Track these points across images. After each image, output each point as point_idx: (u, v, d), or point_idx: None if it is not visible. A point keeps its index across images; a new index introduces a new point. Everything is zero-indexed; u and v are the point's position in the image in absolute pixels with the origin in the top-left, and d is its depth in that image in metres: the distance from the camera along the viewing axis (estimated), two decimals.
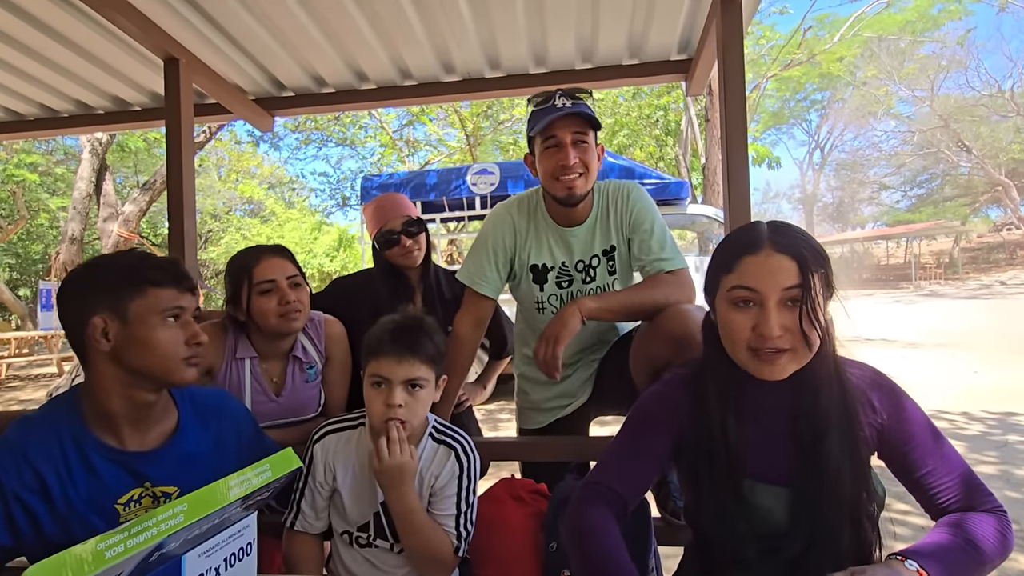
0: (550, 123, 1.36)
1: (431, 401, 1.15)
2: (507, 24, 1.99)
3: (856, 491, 0.87)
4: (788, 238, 0.84)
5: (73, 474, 0.93)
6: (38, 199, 14.11)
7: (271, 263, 1.44)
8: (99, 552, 0.54)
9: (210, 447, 1.08)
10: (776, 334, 0.82)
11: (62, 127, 2.67)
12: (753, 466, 0.90)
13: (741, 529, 0.84)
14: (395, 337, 1.10)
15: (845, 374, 0.88)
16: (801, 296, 0.82)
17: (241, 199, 18.28)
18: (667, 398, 0.99)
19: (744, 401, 0.92)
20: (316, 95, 2.46)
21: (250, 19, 1.90)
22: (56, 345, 10.13)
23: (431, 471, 1.15)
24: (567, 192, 1.39)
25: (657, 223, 1.47)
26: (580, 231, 1.50)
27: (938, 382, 5.73)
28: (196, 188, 2.21)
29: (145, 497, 0.99)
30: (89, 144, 6.95)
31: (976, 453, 3.56)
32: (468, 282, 1.54)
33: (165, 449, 1.01)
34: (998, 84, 21.81)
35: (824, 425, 0.86)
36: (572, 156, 1.35)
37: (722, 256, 0.90)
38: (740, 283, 0.85)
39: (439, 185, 6.31)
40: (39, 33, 1.96)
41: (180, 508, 0.63)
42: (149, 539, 0.58)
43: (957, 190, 27.65)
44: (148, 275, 0.95)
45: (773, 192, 49.16)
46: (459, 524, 1.13)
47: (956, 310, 13.21)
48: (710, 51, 1.97)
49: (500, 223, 1.53)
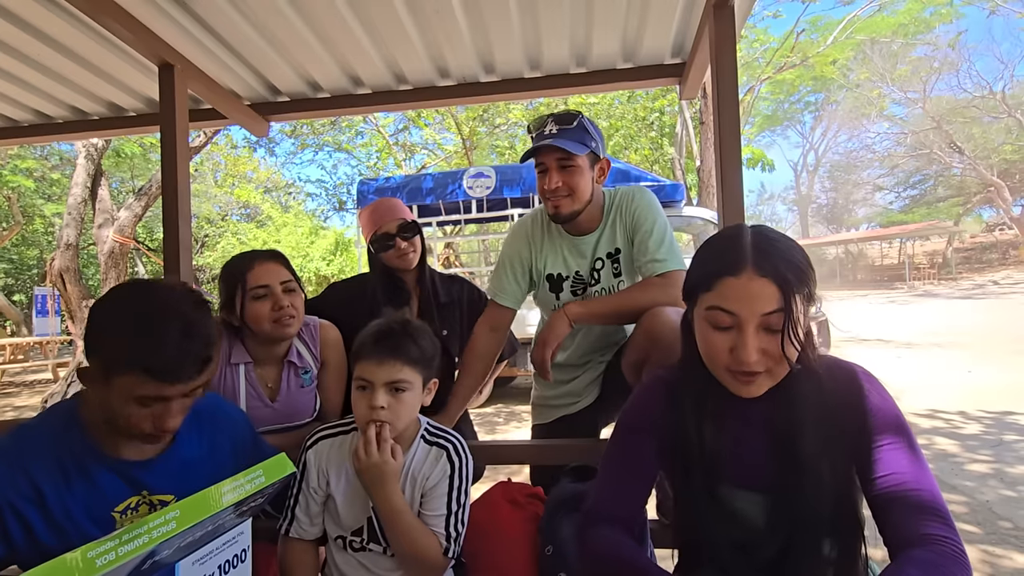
0: (535, 150, 1.50)
1: (417, 404, 1.14)
2: (502, 29, 1.99)
3: (836, 497, 0.84)
4: (771, 260, 0.81)
5: (71, 482, 0.92)
6: (33, 205, 14.02)
7: (265, 268, 1.44)
8: (90, 560, 0.54)
9: (205, 452, 1.08)
10: (753, 359, 0.81)
11: (57, 133, 2.66)
12: (730, 470, 0.90)
13: (717, 532, 0.84)
14: (377, 340, 1.11)
15: (824, 379, 0.87)
16: (783, 321, 0.80)
17: (237, 204, 18.22)
18: (643, 407, 0.99)
19: (721, 406, 0.91)
20: (311, 100, 2.46)
21: (245, 24, 1.90)
22: (51, 351, 10.07)
23: (423, 472, 1.15)
24: (554, 211, 1.52)
25: (658, 224, 1.52)
26: (590, 239, 1.59)
27: (933, 382, 5.76)
28: (192, 193, 2.20)
29: (142, 505, 0.99)
30: (84, 150, 6.92)
31: (971, 452, 3.58)
32: (491, 295, 1.69)
33: (162, 457, 1.01)
34: (989, 86, 21.99)
35: (800, 430, 0.85)
36: (554, 181, 1.47)
37: (702, 271, 0.88)
38: (719, 304, 0.83)
39: (435, 189, 6.32)
40: (33, 39, 1.95)
41: (172, 515, 0.63)
42: (140, 547, 0.58)
43: (950, 191, 27.82)
44: (149, 364, 0.87)
45: (768, 194, 49.45)
46: (449, 524, 1.13)
47: (950, 310, 13.28)
48: (703, 55, 1.98)
49: (516, 238, 1.66)
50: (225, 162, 16.61)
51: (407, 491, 1.14)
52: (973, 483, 3.05)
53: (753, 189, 49.34)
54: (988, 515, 2.63)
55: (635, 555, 0.87)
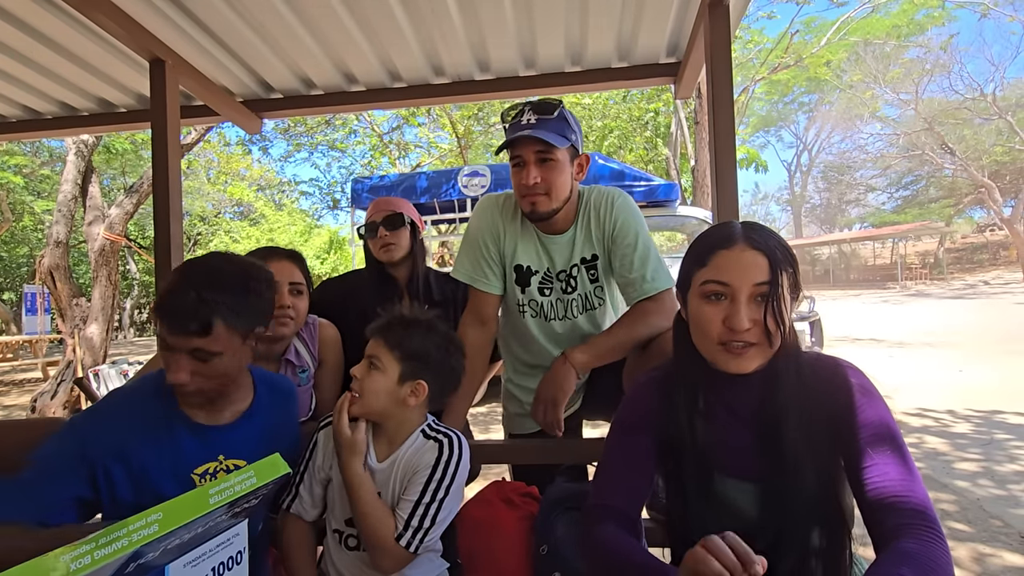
0: (512, 142, 1.35)
1: (385, 390, 1.11)
2: (496, 27, 1.99)
3: (821, 485, 0.86)
4: (761, 236, 0.87)
5: (157, 442, 1.01)
6: (23, 201, 13.87)
7: (279, 265, 1.45)
8: (65, 564, 0.53)
9: (271, 427, 1.17)
10: (745, 326, 0.84)
11: (46, 129, 2.63)
12: (723, 461, 0.92)
13: (710, 523, 0.84)
14: (382, 318, 1.17)
15: (807, 369, 0.89)
16: (768, 292, 0.84)
17: (230, 202, 18.10)
18: (638, 402, 1.01)
19: (712, 398, 0.94)
20: (304, 97, 2.44)
21: (237, 20, 1.89)
22: (41, 350, 9.97)
23: (411, 461, 1.13)
24: (530, 209, 1.38)
25: (641, 236, 1.41)
26: (562, 240, 1.47)
27: (924, 380, 5.80)
28: (185, 190, 2.19)
29: (220, 471, 1.07)
30: (75, 146, 6.85)
31: (961, 451, 3.61)
32: (468, 280, 1.51)
33: (236, 425, 1.10)
34: (980, 88, 22.13)
35: (783, 418, 0.87)
36: (532, 176, 1.34)
37: (696, 251, 0.93)
38: (713, 277, 0.87)
39: (430, 188, 6.30)
40: (22, 34, 1.92)
41: (155, 517, 0.61)
42: (119, 550, 0.56)
43: (941, 192, 28.07)
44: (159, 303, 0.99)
45: (762, 194, 49.72)
46: (415, 514, 1.07)
47: (941, 310, 13.40)
48: (698, 54, 1.98)
49: (486, 216, 1.51)
50: (218, 160, 16.50)
51: (395, 480, 1.13)
52: (964, 482, 3.07)
53: (747, 189, 49.62)
54: (979, 513, 2.65)
55: (636, 551, 0.88)
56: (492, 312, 1.53)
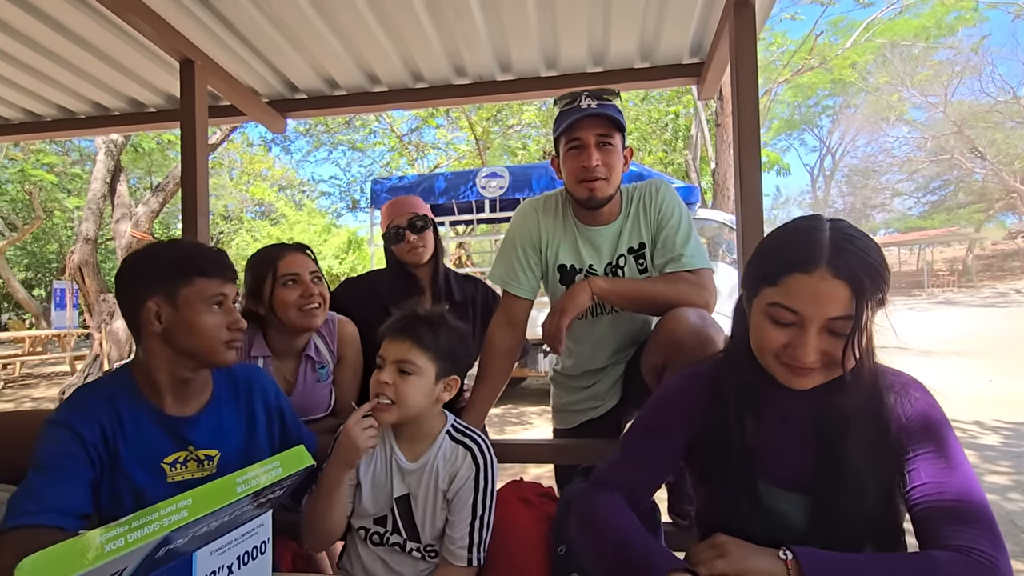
0: (573, 124, 1.34)
1: (426, 393, 1.13)
2: (519, 27, 1.99)
3: (879, 502, 0.81)
4: (848, 260, 0.74)
5: (125, 431, 1.02)
6: (54, 199, 14.29)
7: (295, 258, 1.50)
8: (99, 545, 0.54)
9: (241, 416, 1.16)
10: (811, 359, 0.76)
11: (79, 128, 2.70)
12: (769, 468, 0.86)
13: (755, 533, 0.81)
14: (398, 320, 1.16)
15: (879, 380, 0.83)
16: (851, 328, 0.74)
17: (252, 201, 18.42)
18: (685, 391, 0.96)
19: (764, 399, 0.87)
20: (328, 97, 2.48)
21: (264, 22, 1.92)
22: (69, 344, 10.26)
23: (447, 470, 1.15)
24: (589, 194, 1.36)
25: (684, 220, 1.42)
26: (607, 231, 1.46)
27: (952, 390, 5.63)
28: (209, 189, 2.23)
29: (190, 461, 1.08)
30: (104, 145, 7.04)
31: (990, 463, 3.50)
32: (501, 283, 1.53)
33: (203, 414, 1.11)
34: (1013, 90, 21.53)
35: (846, 428, 0.81)
36: (595, 158, 1.33)
37: (768, 263, 0.81)
38: (782, 302, 0.77)
39: (449, 189, 6.33)
40: (56, 34, 1.98)
41: (184, 503, 0.62)
42: (151, 533, 0.57)
43: (971, 197, 27.30)
44: (198, 265, 1.05)
45: (783, 198, 48.88)
46: (473, 528, 1.12)
47: (970, 318, 13.02)
48: (722, 55, 1.96)
49: (526, 221, 1.51)
50: (241, 160, 16.81)
51: (428, 483, 1.14)
52: (994, 495, 2.98)
53: (768, 193, 48.87)
54: (1010, 528, 2.57)
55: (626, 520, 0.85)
56: (522, 316, 1.53)
